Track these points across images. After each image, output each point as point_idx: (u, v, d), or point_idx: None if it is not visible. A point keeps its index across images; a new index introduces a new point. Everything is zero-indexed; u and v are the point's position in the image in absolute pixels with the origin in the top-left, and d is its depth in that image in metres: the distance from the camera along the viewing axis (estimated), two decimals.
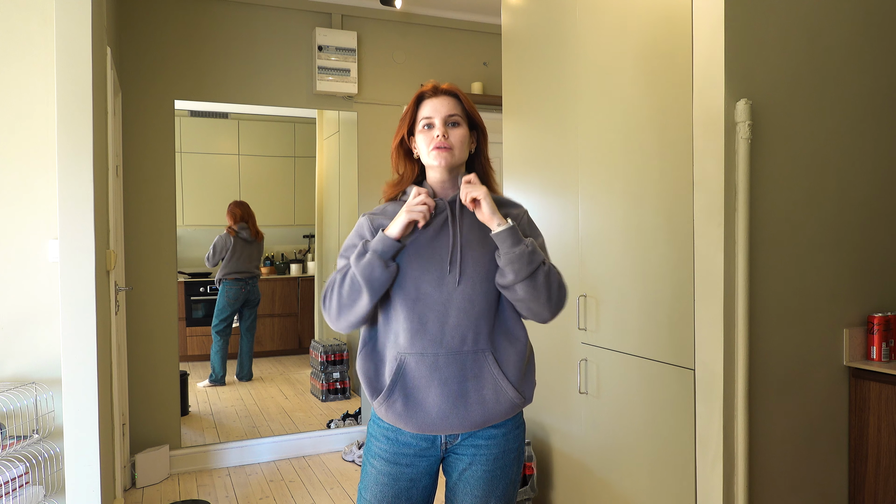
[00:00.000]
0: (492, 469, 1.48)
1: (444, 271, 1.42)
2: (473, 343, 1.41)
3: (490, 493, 1.49)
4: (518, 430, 1.52)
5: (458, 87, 1.52)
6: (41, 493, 2.07)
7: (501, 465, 1.49)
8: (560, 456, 2.65)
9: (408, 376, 1.41)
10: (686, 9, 1.97)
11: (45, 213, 2.18)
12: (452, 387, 1.40)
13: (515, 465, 1.52)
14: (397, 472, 1.47)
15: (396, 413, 1.43)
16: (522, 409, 1.52)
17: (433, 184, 1.51)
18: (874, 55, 2.09)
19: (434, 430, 1.44)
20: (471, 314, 1.41)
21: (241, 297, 5.10)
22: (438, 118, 1.46)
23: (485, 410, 1.43)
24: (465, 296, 1.41)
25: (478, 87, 4.17)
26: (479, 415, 1.43)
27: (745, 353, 1.85)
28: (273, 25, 3.71)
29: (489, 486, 1.48)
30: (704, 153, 1.91)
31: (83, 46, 2.11)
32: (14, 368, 2.15)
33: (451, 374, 1.40)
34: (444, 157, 1.44)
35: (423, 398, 1.41)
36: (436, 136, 1.45)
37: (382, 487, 1.47)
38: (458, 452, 1.49)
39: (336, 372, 4.71)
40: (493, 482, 1.49)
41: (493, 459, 1.48)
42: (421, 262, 1.42)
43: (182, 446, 3.54)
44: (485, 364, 1.42)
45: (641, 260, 2.19)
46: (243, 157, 6.43)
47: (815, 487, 2.03)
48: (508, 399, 1.44)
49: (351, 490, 3.23)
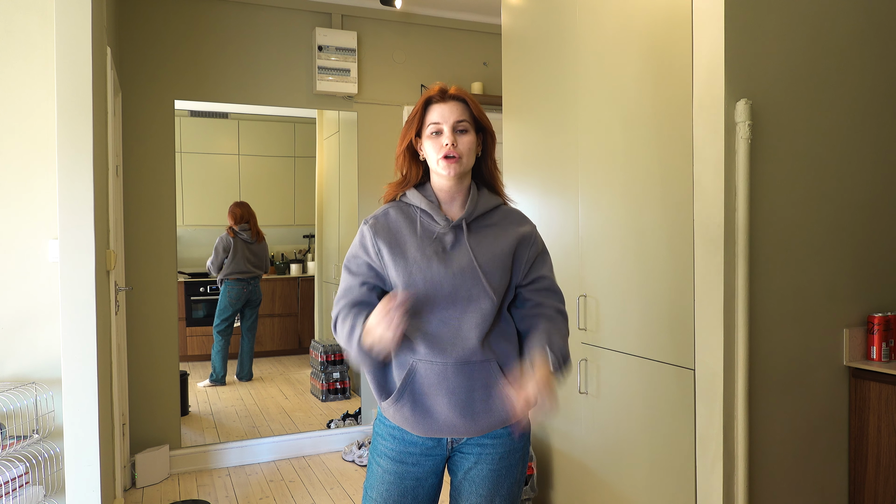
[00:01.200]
0: (497, 468, 1.48)
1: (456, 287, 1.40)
2: (481, 353, 1.41)
3: (495, 492, 1.49)
4: (525, 433, 1.53)
5: (466, 91, 1.51)
6: (41, 493, 2.07)
7: (507, 465, 1.49)
8: (560, 456, 2.65)
9: (417, 383, 1.41)
10: (686, 9, 1.96)
11: (45, 213, 2.18)
12: (461, 396, 1.40)
13: (521, 465, 1.53)
14: (403, 471, 1.47)
15: (404, 417, 1.43)
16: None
17: (438, 190, 1.50)
18: (874, 55, 2.09)
19: (440, 434, 1.45)
20: (482, 327, 1.41)
21: (243, 298, 5.11)
22: (447, 125, 1.44)
23: (491, 418, 1.43)
24: (477, 310, 1.41)
25: (478, 87, 4.17)
26: (486, 422, 1.43)
27: (745, 354, 1.85)
28: (273, 25, 3.71)
29: (494, 485, 1.48)
30: (704, 153, 1.91)
31: (83, 46, 2.11)
32: (14, 368, 2.15)
33: (459, 383, 1.40)
34: (452, 167, 1.44)
35: (432, 405, 1.41)
36: (445, 144, 1.43)
37: (388, 486, 1.47)
38: (464, 451, 1.49)
39: (336, 372, 4.70)
40: (499, 481, 1.49)
41: (499, 459, 1.48)
42: (432, 277, 1.40)
43: (182, 446, 3.54)
44: (491, 373, 1.42)
45: (641, 260, 2.19)
46: (243, 157, 6.42)
47: (815, 487, 2.03)
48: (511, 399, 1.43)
49: (351, 490, 3.23)
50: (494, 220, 1.51)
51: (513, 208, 1.57)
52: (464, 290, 1.41)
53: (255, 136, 6.46)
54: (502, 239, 1.48)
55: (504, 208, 1.55)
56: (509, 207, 1.56)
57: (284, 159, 6.56)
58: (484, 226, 1.49)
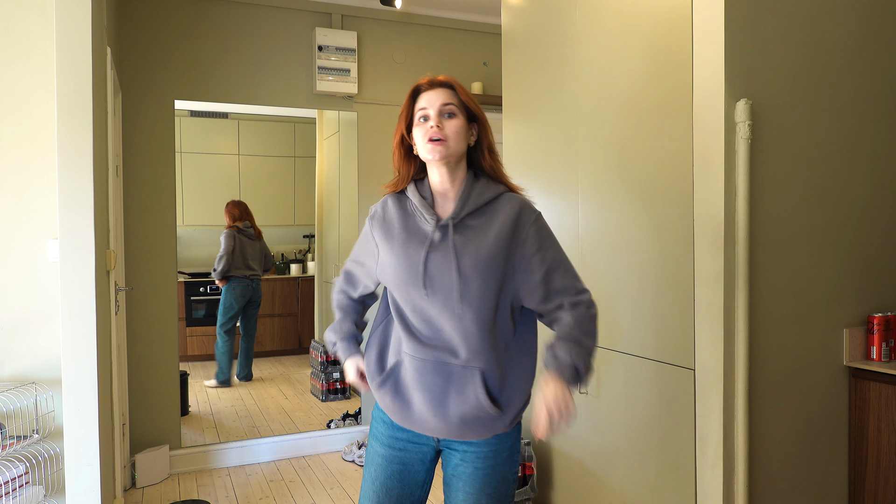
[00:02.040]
0: (483, 467, 1.48)
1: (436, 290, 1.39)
2: (465, 358, 1.39)
3: (481, 490, 1.48)
4: (512, 431, 1.51)
5: (455, 79, 1.47)
6: (41, 493, 2.07)
7: (493, 464, 1.48)
8: (560, 456, 2.65)
9: (401, 374, 1.45)
10: (686, 9, 1.96)
11: (45, 213, 2.18)
12: (435, 395, 1.40)
13: (508, 464, 1.51)
14: (391, 455, 1.51)
15: (386, 404, 1.48)
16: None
17: (433, 185, 1.47)
18: (874, 55, 2.09)
19: (415, 428, 1.47)
20: (459, 330, 1.38)
21: (247, 295, 5.12)
22: (433, 109, 1.41)
23: (463, 425, 1.41)
24: (457, 313, 1.38)
25: (478, 87, 4.17)
26: (458, 428, 1.42)
27: (744, 353, 1.85)
28: (273, 25, 3.71)
29: (480, 483, 1.48)
30: (704, 153, 1.91)
31: (83, 46, 2.11)
32: (14, 368, 2.15)
33: (435, 383, 1.39)
34: (437, 150, 1.39)
35: (410, 398, 1.44)
36: (430, 127, 1.40)
37: (377, 469, 1.53)
38: (452, 448, 1.50)
39: (336, 372, 4.70)
40: (485, 480, 1.48)
41: (483, 458, 1.48)
42: (412, 278, 1.40)
43: (182, 446, 3.54)
44: (471, 381, 1.38)
45: (641, 260, 2.19)
46: (243, 157, 6.43)
47: (815, 487, 2.03)
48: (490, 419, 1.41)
49: (351, 490, 3.23)
50: (489, 215, 1.43)
51: (515, 196, 1.47)
52: (442, 294, 1.38)
53: (255, 136, 6.46)
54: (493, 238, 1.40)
55: (505, 197, 1.46)
56: (511, 195, 1.47)
57: (284, 159, 6.56)
58: (474, 224, 1.42)
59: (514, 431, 1.52)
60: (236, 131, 6.39)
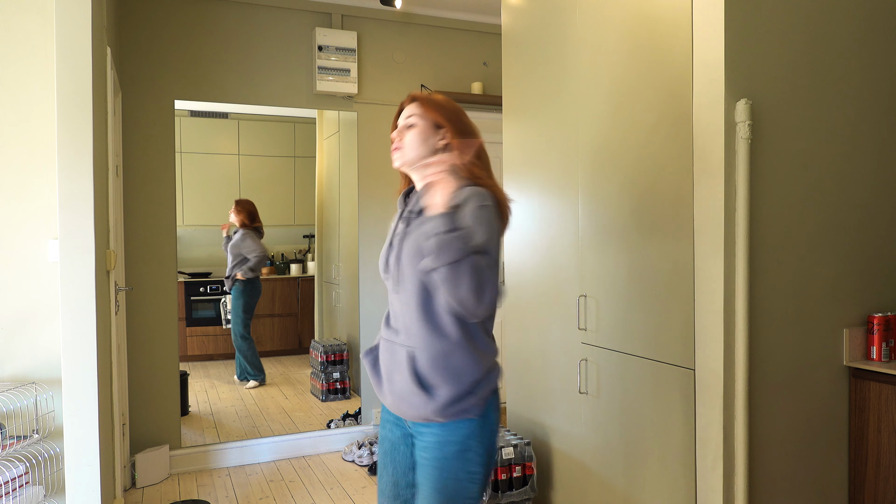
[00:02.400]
0: (429, 458, 1.47)
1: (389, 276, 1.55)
2: (402, 338, 1.51)
3: (426, 481, 1.47)
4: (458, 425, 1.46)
5: (426, 94, 1.61)
6: (41, 493, 2.07)
7: (438, 456, 1.46)
8: (560, 456, 2.65)
9: (378, 353, 1.61)
10: (686, 9, 1.96)
11: (45, 213, 2.18)
12: (386, 370, 1.54)
13: (458, 461, 1.45)
14: (383, 436, 1.64)
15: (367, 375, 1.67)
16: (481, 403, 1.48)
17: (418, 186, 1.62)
18: (874, 55, 2.09)
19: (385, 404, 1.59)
20: (401, 313, 1.51)
21: (258, 295, 5.18)
22: (400, 124, 1.59)
23: (400, 401, 1.50)
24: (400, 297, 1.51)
25: (478, 87, 4.17)
26: (395, 402, 1.52)
27: (745, 353, 1.85)
28: (273, 25, 3.71)
29: (426, 472, 1.48)
30: (704, 153, 1.91)
31: (83, 46, 2.11)
32: (14, 368, 2.15)
33: (385, 360, 1.55)
34: (395, 158, 1.58)
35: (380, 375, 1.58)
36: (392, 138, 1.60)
37: (381, 451, 1.65)
38: (414, 434, 1.56)
39: (336, 372, 4.70)
40: (430, 471, 1.47)
41: (429, 448, 1.48)
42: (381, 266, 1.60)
43: (182, 446, 3.54)
44: (404, 359, 1.48)
45: (641, 260, 2.19)
46: (243, 157, 6.42)
47: (815, 487, 2.03)
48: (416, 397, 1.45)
49: (351, 490, 3.23)
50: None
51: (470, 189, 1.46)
52: (392, 280, 1.55)
53: (255, 136, 6.46)
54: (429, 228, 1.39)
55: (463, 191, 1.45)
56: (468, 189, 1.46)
57: (284, 159, 6.56)
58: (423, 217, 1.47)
59: (461, 426, 1.46)
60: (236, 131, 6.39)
